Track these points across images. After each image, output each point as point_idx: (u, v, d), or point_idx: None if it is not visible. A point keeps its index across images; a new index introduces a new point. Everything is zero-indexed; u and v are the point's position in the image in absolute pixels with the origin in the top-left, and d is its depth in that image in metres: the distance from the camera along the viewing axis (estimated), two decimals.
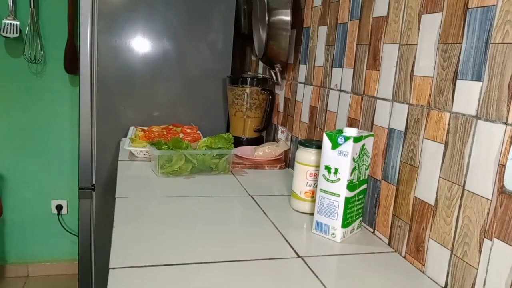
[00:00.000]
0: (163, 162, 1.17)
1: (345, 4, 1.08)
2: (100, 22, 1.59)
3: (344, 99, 1.07)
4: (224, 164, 1.24)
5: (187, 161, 1.19)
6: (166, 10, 1.66)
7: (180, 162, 1.18)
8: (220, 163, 1.23)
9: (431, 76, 0.76)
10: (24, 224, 2.46)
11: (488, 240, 0.62)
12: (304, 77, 1.33)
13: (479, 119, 0.64)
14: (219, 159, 1.23)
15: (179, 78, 1.71)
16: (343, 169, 0.79)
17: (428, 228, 0.74)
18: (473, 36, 0.66)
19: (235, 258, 0.74)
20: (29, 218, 2.46)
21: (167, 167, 1.17)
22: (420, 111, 0.78)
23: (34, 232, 2.49)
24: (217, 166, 1.23)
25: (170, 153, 1.17)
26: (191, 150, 1.20)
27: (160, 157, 1.16)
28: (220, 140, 1.23)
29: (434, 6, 0.76)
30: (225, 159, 1.24)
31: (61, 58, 2.29)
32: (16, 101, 2.32)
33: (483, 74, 0.64)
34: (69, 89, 2.36)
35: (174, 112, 1.72)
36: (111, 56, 1.63)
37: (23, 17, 2.20)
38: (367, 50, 0.97)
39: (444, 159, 0.71)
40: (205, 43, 1.72)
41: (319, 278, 0.69)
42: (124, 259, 0.69)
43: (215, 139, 1.24)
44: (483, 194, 0.63)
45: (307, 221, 0.93)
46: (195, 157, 1.20)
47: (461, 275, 0.67)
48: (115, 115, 1.66)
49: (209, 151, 1.22)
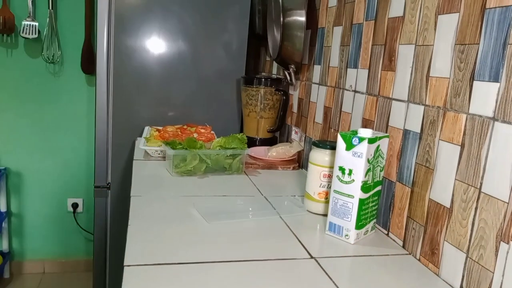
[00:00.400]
0: (177, 162, 1.18)
1: (360, 5, 1.08)
2: (116, 23, 1.61)
3: (358, 100, 1.07)
4: (238, 164, 1.24)
5: (201, 161, 1.20)
6: (181, 11, 1.67)
7: (194, 162, 1.18)
8: (233, 163, 1.24)
9: (447, 77, 0.75)
10: (40, 221, 2.51)
11: (504, 243, 0.61)
12: (319, 77, 1.33)
13: (496, 121, 0.63)
14: (232, 159, 1.24)
15: (193, 78, 1.72)
16: (358, 171, 0.78)
17: (443, 230, 0.74)
18: (491, 37, 0.65)
19: (248, 257, 0.74)
20: (46, 216, 2.51)
21: (182, 167, 1.18)
22: (436, 112, 0.77)
23: (51, 229, 2.53)
24: (231, 166, 1.24)
25: (184, 152, 1.18)
26: (205, 150, 1.21)
27: (175, 157, 1.17)
28: (234, 141, 1.24)
29: (451, 7, 0.75)
30: (239, 159, 1.24)
31: (78, 59, 2.33)
32: (34, 100, 2.37)
33: (501, 75, 0.63)
34: (85, 89, 2.40)
35: (188, 112, 1.73)
36: (127, 57, 1.65)
37: (41, 18, 2.24)
38: (382, 51, 0.97)
39: (460, 161, 0.70)
40: (219, 43, 1.73)
41: (332, 279, 0.69)
42: (139, 257, 0.70)
43: (228, 139, 1.25)
44: (499, 196, 0.62)
45: (321, 222, 0.93)
46: (209, 157, 1.20)
47: (476, 279, 0.66)
48: (131, 115, 1.68)
49: (223, 151, 1.22)
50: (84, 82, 2.40)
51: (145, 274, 0.65)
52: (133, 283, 0.63)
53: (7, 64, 2.29)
